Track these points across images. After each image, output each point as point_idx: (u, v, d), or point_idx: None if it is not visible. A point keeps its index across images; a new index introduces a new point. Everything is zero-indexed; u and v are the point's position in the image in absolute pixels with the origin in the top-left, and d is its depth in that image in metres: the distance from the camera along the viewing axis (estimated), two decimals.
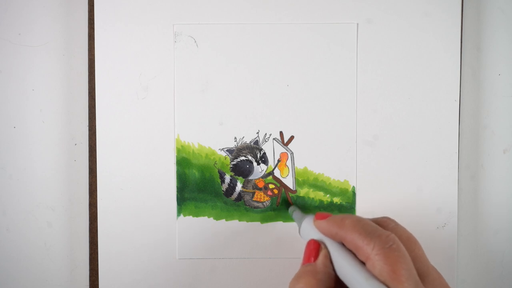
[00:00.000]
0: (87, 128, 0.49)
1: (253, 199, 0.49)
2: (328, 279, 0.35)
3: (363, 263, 0.34)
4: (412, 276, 0.33)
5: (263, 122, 0.49)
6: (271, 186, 0.49)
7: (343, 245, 0.36)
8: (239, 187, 0.49)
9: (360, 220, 0.36)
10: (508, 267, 0.51)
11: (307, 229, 0.39)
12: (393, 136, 0.49)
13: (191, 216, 0.49)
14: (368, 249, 0.34)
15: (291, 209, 0.47)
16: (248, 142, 0.49)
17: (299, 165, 0.49)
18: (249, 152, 0.49)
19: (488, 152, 0.51)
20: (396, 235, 0.35)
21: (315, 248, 0.37)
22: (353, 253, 0.35)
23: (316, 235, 0.38)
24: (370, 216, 0.49)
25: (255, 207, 0.49)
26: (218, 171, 0.49)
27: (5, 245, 0.50)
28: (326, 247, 0.37)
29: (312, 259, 0.37)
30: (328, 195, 0.49)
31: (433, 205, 0.49)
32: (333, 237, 0.37)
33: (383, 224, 0.37)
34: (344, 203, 0.49)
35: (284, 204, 0.49)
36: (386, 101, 0.49)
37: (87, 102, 0.49)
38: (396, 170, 0.49)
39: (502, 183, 0.51)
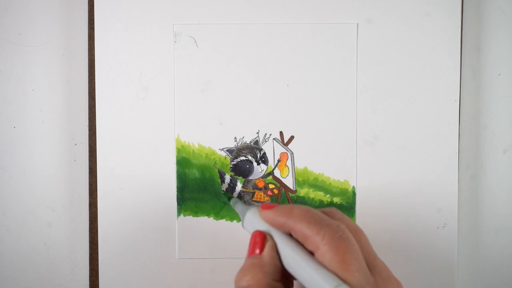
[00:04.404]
0: (87, 128, 0.49)
1: (253, 199, 0.49)
2: (275, 271, 0.35)
3: (311, 254, 0.34)
4: (362, 266, 0.33)
5: (263, 122, 0.49)
6: (271, 186, 0.49)
7: (290, 235, 0.36)
8: (239, 187, 0.49)
9: (309, 210, 0.35)
10: (508, 267, 0.51)
11: (252, 220, 0.39)
12: (393, 136, 0.49)
13: (191, 216, 0.49)
14: (318, 239, 0.33)
15: (233, 201, 0.47)
16: (248, 142, 0.49)
17: (299, 165, 0.49)
18: (249, 152, 0.49)
19: (488, 152, 0.51)
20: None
21: (261, 239, 0.36)
22: (300, 244, 0.35)
23: (262, 227, 0.37)
24: (371, 217, 0.49)
25: None
26: (218, 171, 0.49)
27: (5, 245, 0.50)
28: (272, 238, 0.36)
29: (258, 251, 0.36)
30: (328, 195, 0.49)
31: (433, 205, 0.49)
32: (280, 227, 0.36)
33: (330, 214, 0.36)
34: (344, 203, 0.49)
35: (226, 197, 0.48)
36: (386, 101, 0.49)
37: (87, 102, 0.49)
38: (396, 170, 0.49)
39: (502, 183, 0.51)
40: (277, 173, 0.49)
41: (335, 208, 0.38)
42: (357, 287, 0.32)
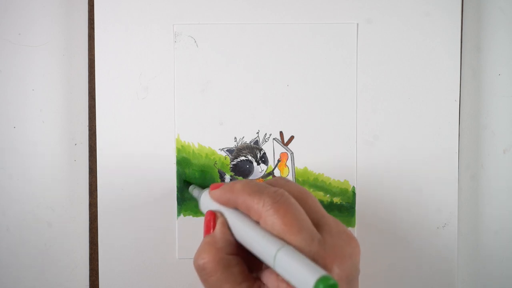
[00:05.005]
0: (87, 128, 0.49)
1: None
2: (228, 245, 0.36)
3: (257, 223, 0.35)
4: (305, 225, 0.33)
5: (263, 122, 0.49)
6: None
7: (238, 210, 0.37)
8: None
9: (248, 181, 0.37)
10: (508, 267, 0.51)
11: (205, 202, 0.40)
12: (393, 136, 0.49)
13: (191, 216, 0.49)
14: (259, 207, 0.34)
15: (191, 187, 0.47)
16: (248, 142, 0.49)
17: (299, 165, 0.49)
18: (249, 152, 0.49)
19: (488, 152, 0.51)
20: (287, 191, 0.36)
21: (212, 218, 0.38)
22: (247, 216, 0.36)
23: (214, 206, 0.39)
24: (371, 217, 0.49)
25: None
26: (218, 171, 0.49)
27: (5, 245, 0.50)
28: (222, 215, 0.37)
29: (211, 230, 0.37)
30: (328, 195, 0.49)
31: (433, 205, 0.49)
32: (227, 204, 0.37)
33: (274, 183, 0.37)
34: (344, 203, 0.49)
35: (185, 185, 0.48)
36: (386, 101, 0.49)
37: (87, 102, 0.49)
38: (396, 170, 0.49)
39: (502, 183, 0.51)
40: (277, 173, 0.49)
41: (279, 176, 0.38)
42: (301, 246, 0.32)
